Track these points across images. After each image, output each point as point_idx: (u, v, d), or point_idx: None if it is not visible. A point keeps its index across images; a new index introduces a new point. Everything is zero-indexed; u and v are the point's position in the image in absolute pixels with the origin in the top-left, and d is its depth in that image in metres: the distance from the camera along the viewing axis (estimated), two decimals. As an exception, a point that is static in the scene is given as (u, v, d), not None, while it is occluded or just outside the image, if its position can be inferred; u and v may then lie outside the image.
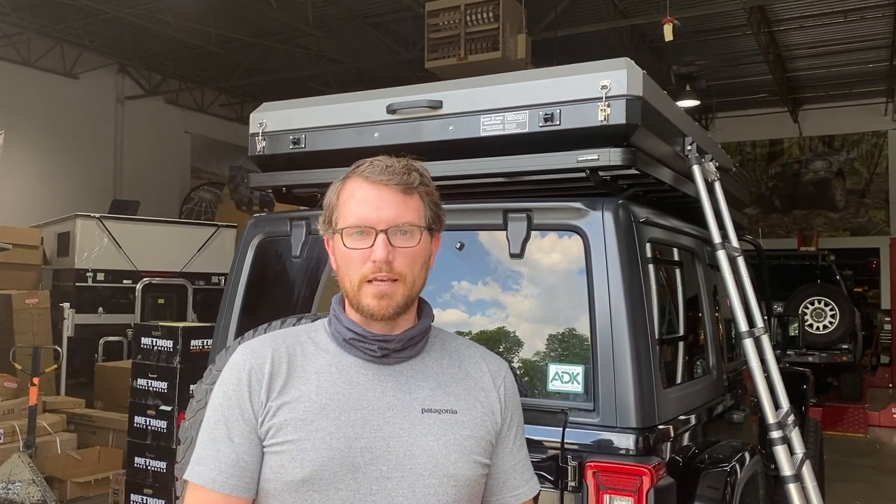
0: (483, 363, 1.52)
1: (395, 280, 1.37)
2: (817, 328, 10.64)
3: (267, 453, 1.36)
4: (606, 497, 2.04)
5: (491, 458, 1.46)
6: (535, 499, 1.56)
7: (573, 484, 2.09)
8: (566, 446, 2.14)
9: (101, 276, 9.92)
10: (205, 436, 1.39)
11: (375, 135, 2.63)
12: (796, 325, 4.89)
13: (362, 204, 1.38)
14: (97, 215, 10.13)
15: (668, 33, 8.41)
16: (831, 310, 10.67)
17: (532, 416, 2.11)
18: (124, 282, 10.07)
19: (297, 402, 1.36)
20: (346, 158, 2.25)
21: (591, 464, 2.07)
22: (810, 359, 10.15)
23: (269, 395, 1.37)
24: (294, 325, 2.02)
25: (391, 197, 1.38)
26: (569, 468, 2.09)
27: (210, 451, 1.37)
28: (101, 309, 9.83)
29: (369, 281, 1.37)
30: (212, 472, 1.35)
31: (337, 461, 1.33)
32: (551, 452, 2.14)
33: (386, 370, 1.42)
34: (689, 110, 11.16)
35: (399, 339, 1.41)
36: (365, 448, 1.35)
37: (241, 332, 2.68)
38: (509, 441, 1.49)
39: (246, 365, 1.40)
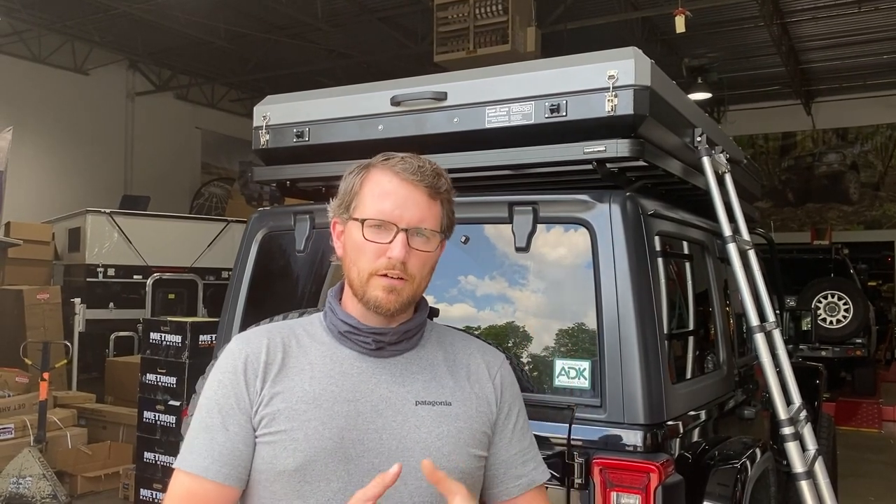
0: (479, 355, 1.51)
1: (404, 279, 1.37)
2: (830, 322, 10.54)
3: (259, 443, 1.35)
4: (613, 495, 2.01)
5: (488, 450, 1.45)
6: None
7: (580, 481, 2.06)
8: (573, 443, 2.11)
9: (111, 272, 9.95)
10: (197, 424, 1.38)
11: (380, 127, 2.60)
12: (809, 319, 4.85)
13: (388, 198, 1.37)
14: (107, 211, 10.15)
15: (679, 25, 8.35)
16: (845, 304, 10.56)
17: (538, 411, 2.09)
18: (135, 277, 10.10)
19: (290, 392, 1.36)
20: (350, 151, 2.22)
21: (598, 461, 2.04)
22: (823, 353, 10.05)
23: (264, 384, 1.37)
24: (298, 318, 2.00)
25: (418, 198, 1.38)
26: (575, 465, 2.06)
27: (203, 440, 1.35)
28: (111, 304, 9.86)
29: (380, 275, 1.36)
30: (205, 461, 1.33)
31: (329, 452, 1.33)
32: (557, 449, 2.11)
33: (381, 363, 1.41)
34: (700, 103, 11.07)
35: (394, 332, 1.41)
36: (357, 440, 1.35)
37: (245, 327, 2.65)
38: (507, 432, 1.48)
39: (242, 354, 1.40)
